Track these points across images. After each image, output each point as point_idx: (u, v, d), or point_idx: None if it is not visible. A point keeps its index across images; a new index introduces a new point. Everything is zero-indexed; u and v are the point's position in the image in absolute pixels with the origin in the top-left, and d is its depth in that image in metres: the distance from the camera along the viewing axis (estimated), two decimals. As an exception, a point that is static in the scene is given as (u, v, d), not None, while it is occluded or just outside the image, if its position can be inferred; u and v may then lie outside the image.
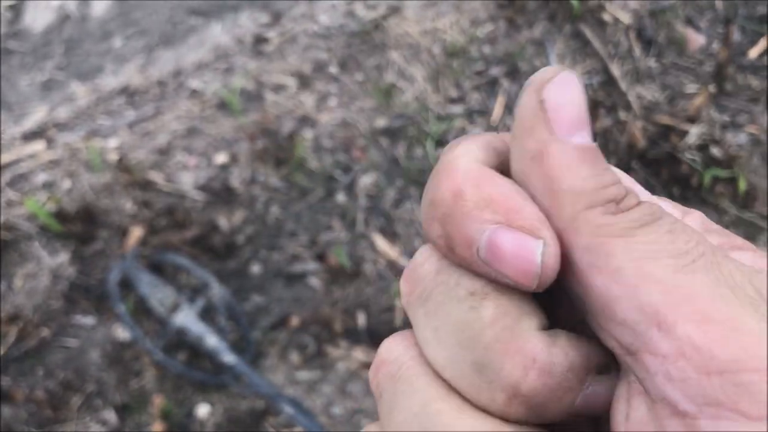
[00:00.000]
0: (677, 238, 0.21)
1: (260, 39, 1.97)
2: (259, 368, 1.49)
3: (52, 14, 2.12)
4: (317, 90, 1.83)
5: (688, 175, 1.57)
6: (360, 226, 1.63)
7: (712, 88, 1.69)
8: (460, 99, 1.78)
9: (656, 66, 1.76)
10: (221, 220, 1.65)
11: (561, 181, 0.22)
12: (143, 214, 1.65)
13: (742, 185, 1.54)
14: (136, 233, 1.62)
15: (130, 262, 1.56)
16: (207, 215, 1.66)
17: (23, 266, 1.62)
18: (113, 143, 1.80)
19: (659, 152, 1.61)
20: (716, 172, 1.56)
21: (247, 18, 2.04)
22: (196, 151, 1.77)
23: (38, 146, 1.81)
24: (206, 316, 1.54)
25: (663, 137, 1.63)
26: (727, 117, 1.66)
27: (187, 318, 1.50)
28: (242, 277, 1.59)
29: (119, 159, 1.74)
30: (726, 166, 1.57)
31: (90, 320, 1.55)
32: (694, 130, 1.61)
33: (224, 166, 1.73)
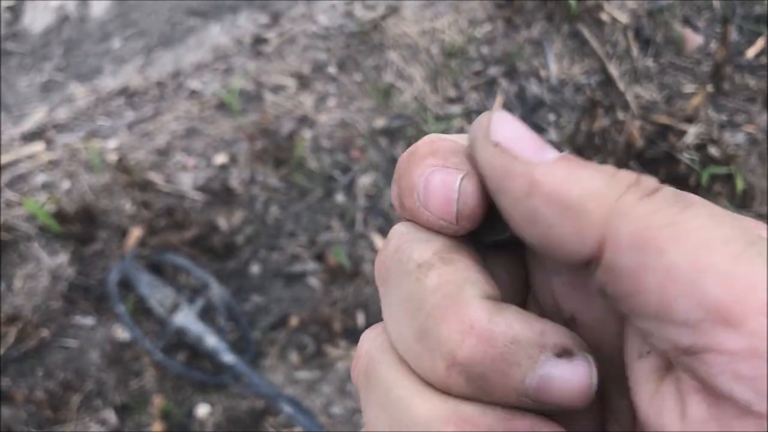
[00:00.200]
0: (722, 223, 0.19)
1: (259, 39, 1.97)
2: (259, 368, 1.49)
3: (51, 15, 2.13)
4: (316, 90, 1.83)
5: (686, 175, 1.58)
6: (359, 226, 1.63)
7: (710, 88, 1.69)
8: (459, 99, 1.78)
9: (654, 66, 1.76)
10: (221, 221, 1.66)
11: (570, 193, 0.20)
12: (143, 215, 1.66)
13: (740, 184, 1.54)
14: (136, 234, 1.62)
15: (130, 263, 1.56)
16: (206, 215, 1.66)
17: (23, 267, 1.62)
18: (112, 144, 1.80)
19: (657, 152, 1.61)
20: (714, 171, 1.56)
21: (246, 19, 2.04)
22: (196, 152, 1.77)
23: (38, 147, 1.82)
24: (206, 317, 1.54)
25: (661, 137, 1.63)
26: (725, 116, 1.66)
27: (187, 318, 1.50)
28: (242, 278, 1.60)
29: (118, 160, 1.74)
30: (724, 165, 1.57)
31: (89, 321, 1.56)
32: (692, 130, 1.61)
33: (223, 167, 1.73)
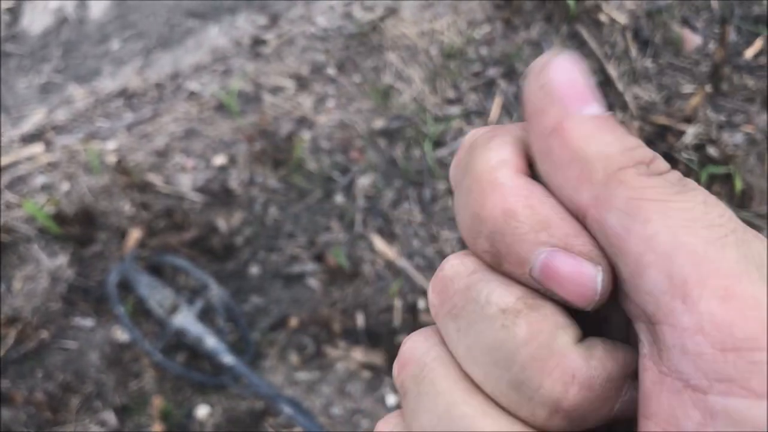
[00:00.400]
0: (711, 210, 0.21)
1: (258, 41, 1.97)
2: (259, 369, 1.49)
3: (50, 17, 2.13)
4: (315, 91, 1.84)
5: (685, 175, 1.56)
6: (358, 227, 1.63)
7: (709, 88, 1.70)
8: (458, 100, 1.79)
9: (653, 66, 1.76)
10: (220, 222, 1.66)
11: (587, 148, 0.22)
12: (142, 216, 1.66)
13: (739, 185, 1.54)
14: (135, 235, 1.62)
15: (129, 264, 1.56)
16: (205, 217, 1.66)
17: (22, 268, 1.62)
18: (111, 145, 1.80)
19: (656, 152, 1.61)
20: (713, 171, 1.56)
21: (245, 20, 2.04)
22: (195, 153, 1.77)
23: (37, 149, 1.82)
24: (205, 318, 1.54)
25: (660, 137, 1.63)
26: (724, 117, 1.66)
27: (186, 319, 1.50)
28: (241, 278, 1.60)
29: (118, 161, 1.74)
30: (723, 165, 1.58)
31: (89, 322, 1.56)
32: (691, 130, 1.62)
33: (222, 168, 1.74)
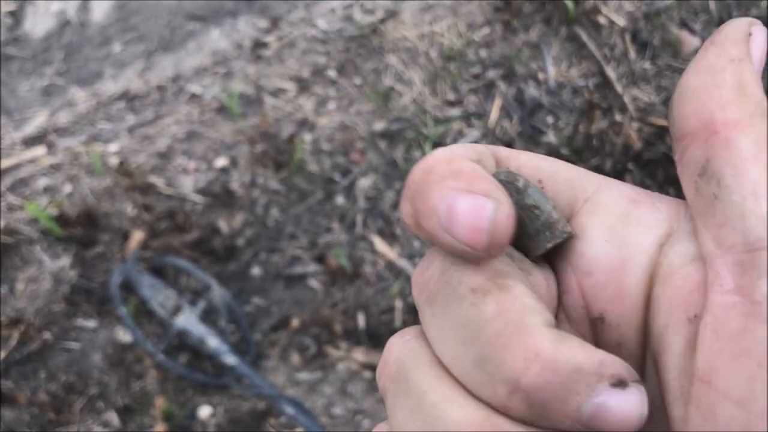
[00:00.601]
0: None
1: (259, 43, 1.98)
2: (260, 369, 1.50)
3: (52, 20, 2.14)
4: (316, 94, 1.85)
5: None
6: (359, 228, 1.64)
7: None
8: (458, 102, 1.80)
9: (651, 68, 1.77)
10: (221, 223, 1.66)
11: (748, 84, 0.23)
12: (144, 218, 1.66)
13: (737, 185, 1.55)
14: (137, 236, 1.63)
15: (132, 265, 1.57)
16: (207, 218, 1.67)
17: (25, 270, 1.63)
18: (113, 148, 1.81)
19: (655, 153, 1.62)
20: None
21: (246, 23, 2.05)
22: (196, 155, 1.78)
23: (39, 151, 1.82)
24: (207, 318, 1.55)
25: (658, 138, 1.64)
26: (722, 118, 1.67)
27: (189, 320, 1.51)
28: (243, 280, 1.60)
29: (120, 163, 1.75)
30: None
31: (92, 323, 1.56)
32: (689, 131, 1.62)
33: (224, 170, 1.74)
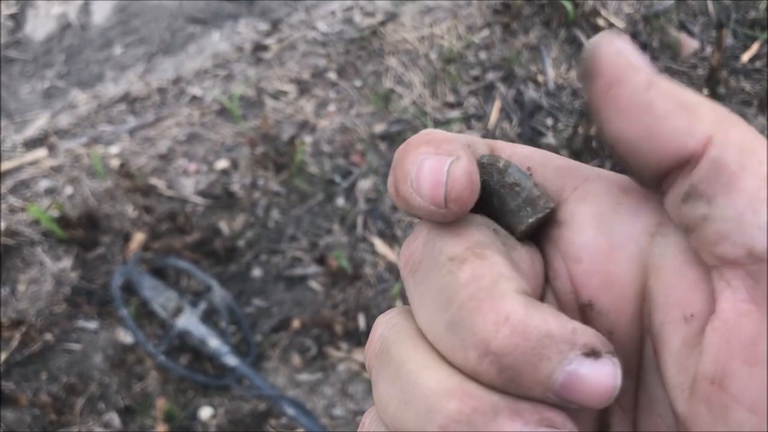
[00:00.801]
0: None
1: (259, 46, 1.99)
2: (261, 370, 1.51)
3: (53, 23, 2.14)
4: (316, 96, 1.85)
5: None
6: (359, 230, 1.64)
7: (706, 92, 1.71)
8: (458, 104, 1.80)
9: (650, 70, 1.78)
10: (222, 225, 1.67)
11: (685, 95, 0.21)
12: (145, 220, 1.67)
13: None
14: (138, 238, 1.63)
15: (133, 267, 1.57)
16: (208, 220, 1.68)
17: (26, 272, 1.63)
18: (114, 150, 1.82)
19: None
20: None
21: (246, 26, 2.06)
22: (197, 157, 1.78)
23: (40, 153, 1.83)
24: (208, 320, 1.55)
25: (657, 140, 1.65)
26: (721, 119, 1.68)
27: (190, 321, 1.52)
28: (244, 281, 1.61)
29: (121, 165, 1.75)
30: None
31: (93, 324, 1.57)
32: (688, 133, 1.63)
33: (225, 172, 1.75)
